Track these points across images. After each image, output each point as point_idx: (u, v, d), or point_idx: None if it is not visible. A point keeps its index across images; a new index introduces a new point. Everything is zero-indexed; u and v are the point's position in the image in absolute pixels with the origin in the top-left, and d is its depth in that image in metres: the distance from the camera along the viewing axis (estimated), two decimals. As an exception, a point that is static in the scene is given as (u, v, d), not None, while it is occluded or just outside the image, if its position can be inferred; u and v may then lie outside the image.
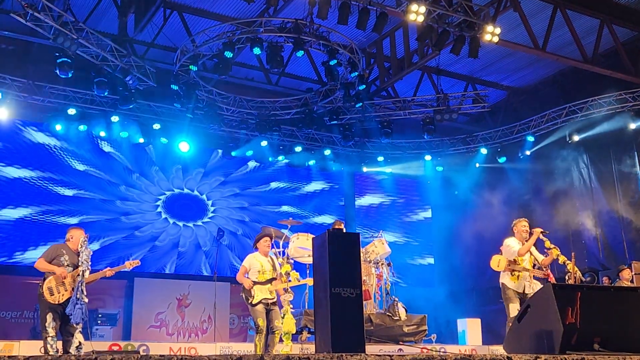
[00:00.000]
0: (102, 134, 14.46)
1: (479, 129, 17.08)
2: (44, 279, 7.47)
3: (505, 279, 8.69)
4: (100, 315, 13.05)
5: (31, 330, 12.50)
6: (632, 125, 14.04)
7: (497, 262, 8.80)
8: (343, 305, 4.55)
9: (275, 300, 8.72)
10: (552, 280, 8.50)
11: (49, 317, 7.24)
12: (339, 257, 4.73)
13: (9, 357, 2.20)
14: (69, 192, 14.34)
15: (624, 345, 4.22)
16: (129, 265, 8.41)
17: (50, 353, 7.14)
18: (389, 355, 2.77)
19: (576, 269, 8.24)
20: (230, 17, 12.93)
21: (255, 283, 8.54)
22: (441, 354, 2.97)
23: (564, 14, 12.89)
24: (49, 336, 7.21)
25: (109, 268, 8.14)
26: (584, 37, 13.25)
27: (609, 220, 14.76)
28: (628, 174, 14.51)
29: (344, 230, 9.13)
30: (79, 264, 7.47)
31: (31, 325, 12.74)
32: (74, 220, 14.01)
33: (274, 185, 16.88)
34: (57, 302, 7.30)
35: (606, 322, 4.44)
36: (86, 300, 7.37)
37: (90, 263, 7.75)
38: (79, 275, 7.37)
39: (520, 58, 14.78)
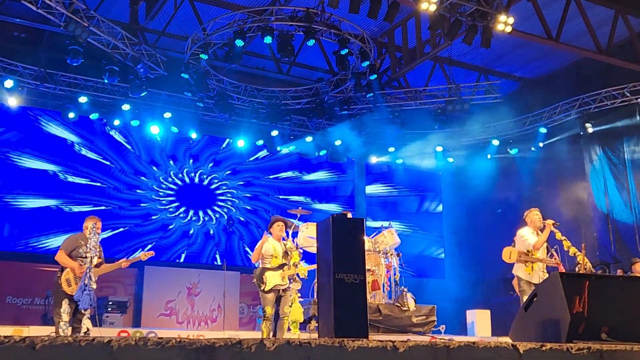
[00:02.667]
0: (115, 122, 14.49)
1: (491, 120, 16.94)
2: (62, 270, 7.75)
3: (519, 271, 8.63)
4: (110, 303, 13.10)
5: (42, 317, 12.58)
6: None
7: (508, 254, 8.74)
8: (347, 290, 4.52)
9: (287, 286, 8.74)
10: (562, 270, 8.44)
11: (65, 303, 7.44)
12: (342, 242, 4.70)
13: (5, 336, 2.19)
14: (80, 181, 14.40)
15: (632, 335, 4.16)
16: (143, 256, 8.58)
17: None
18: (391, 341, 2.74)
19: (586, 260, 8.18)
20: (242, 5, 12.90)
21: (267, 269, 8.57)
22: (445, 340, 2.95)
23: (578, 4, 12.75)
24: (62, 321, 7.33)
25: (124, 259, 8.34)
26: (598, 27, 13.09)
27: (621, 212, 14.63)
28: (641, 166, 14.38)
29: (351, 219, 9.14)
30: (87, 250, 7.51)
31: (42, 312, 12.83)
32: (85, 209, 14.09)
33: (283, 174, 16.88)
34: (74, 293, 7.47)
35: (614, 311, 4.39)
36: (94, 286, 7.43)
37: (101, 250, 7.85)
38: (88, 260, 7.41)
39: (534, 49, 14.63)
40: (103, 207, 14.46)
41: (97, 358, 2.07)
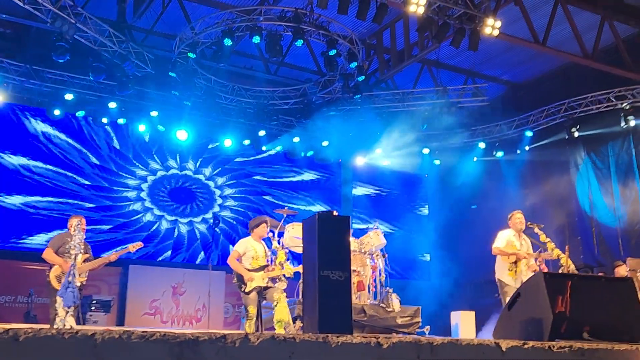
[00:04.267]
0: (102, 120, 14.40)
1: (477, 123, 17.04)
2: (51, 268, 7.89)
3: (503, 276, 8.67)
4: (94, 302, 13.03)
5: (25, 315, 12.50)
6: (631, 122, 14.01)
7: (507, 257, 8.76)
8: (331, 287, 4.54)
9: (269, 285, 8.64)
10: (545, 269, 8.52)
11: (59, 299, 7.40)
12: (328, 239, 4.72)
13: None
14: (65, 180, 14.31)
15: (613, 334, 4.21)
16: (132, 248, 8.56)
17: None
18: (375, 337, 2.76)
19: (570, 262, 8.25)
20: (230, 4, 12.89)
21: (247, 271, 8.51)
22: (429, 337, 2.97)
23: (564, 8, 12.85)
24: (58, 316, 7.31)
25: (113, 252, 8.35)
26: (585, 32, 13.19)
27: (605, 216, 14.76)
28: (625, 171, 14.50)
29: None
30: (71, 248, 7.50)
31: (25, 310, 12.74)
32: (69, 207, 14.01)
33: (270, 174, 16.87)
34: None
35: (596, 311, 4.43)
36: (79, 284, 7.42)
37: (87, 246, 7.88)
38: (72, 257, 7.40)
39: (520, 52, 14.73)
40: (88, 205, 14.38)
41: (81, 351, 2.07)
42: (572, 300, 4.29)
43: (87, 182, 14.55)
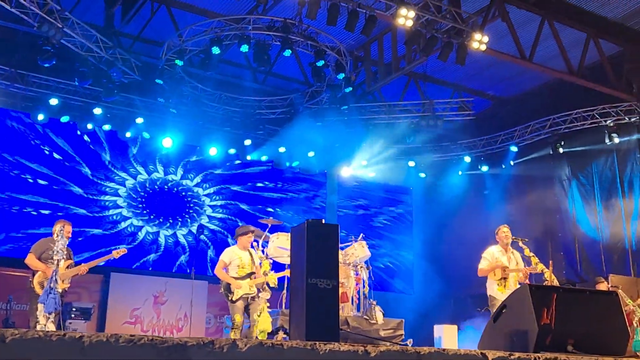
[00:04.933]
0: (88, 126, 14.30)
1: (463, 137, 17.13)
2: (34, 274, 7.82)
3: (492, 291, 8.67)
4: (74, 309, 12.87)
5: (3, 322, 12.30)
6: (615, 140, 14.14)
7: (493, 274, 8.79)
8: (319, 295, 4.52)
9: (255, 294, 8.68)
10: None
11: (40, 306, 7.32)
12: (316, 247, 4.71)
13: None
14: (44, 184, 14.17)
15: (597, 347, 4.23)
16: (116, 254, 8.53)
17: None
18: (362, 346, 2.74)
19: (553, 276, 8.28)
20: (219, 13, 12.88)
21: (235, 279, 8.50)
22: (416, 347, 2.96)
23: (551, 26, 12.98)
24: (39, 323, 7.23)
25: (98, 259, 8.30)
26: (570, 49, 13.33)
27: (588, 232, 14.86)
28: (608, 187, 14.63)
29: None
30: (54, 253, 7.44)
31: (3, 317, 12.55)
32: (52, 213, 13.88)
33: (256, 184, 16.82)
34: None
35: (581, 324, 4.45)
36: (60, 290, 7.35)
37: (70, 252, 7.81)
38: (54, 263, 7.34)
39: (507, 68, 14.84)
40: (70, 211, 14.24)
41: (68, 353, 2.03)
42: (557, 313, 4.30)
43: (70, 188, 14.41)
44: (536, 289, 4.58)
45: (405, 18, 10.71)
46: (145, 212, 15.25)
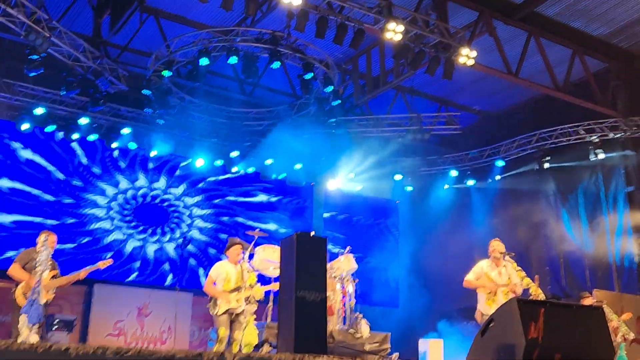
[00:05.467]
0: (73, 136, 14.17)
1: (449, 151, 17.21)
2: (17, 285, 7.67)
3: (482, 307, 8.62)
4: (56, 321, 12.74)
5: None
6: (600, 156, 14.25)
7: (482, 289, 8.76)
8: (307, 308, 4.50)
9: (241, 310, 8.58)
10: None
11: (23, 318, 7.22)
12: (305, 260, 4.69)
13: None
14: (29, 196, 14.03)
15: (584, 362, 4.23)
16: (102, 265, 8.42)
17: None
18: (351, 357, 2.71)
19: (540, 291, 8.29)
20: (207, 25, 12.88)
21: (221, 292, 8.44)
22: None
23: (537, 41, 13.12)
24: (20, 336, 7.13)
25: (83, 269, 8.18)
26: (556, 65, 13.48)
27: (573, 248, 14.93)
28: (593, 203, 14.73)
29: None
30: (38, 264, 7.35)
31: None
32: (37, 224, 13.75)
33: (242, 196, 16.75)
34: None
35: (568, 338, 4.45)
36: (43, 301, 7.27)
37: (54, 263, 7.73)
38: (37, 274, 7.25)
39: (494, 83, 14.96)
40: (55, 223, 14.09)
41: (52, 365, 1.99)
42: (545, 327, 4.30)
43: (54, 199, 14.28)
44: (524, 303, 4.58)
45: (394, 32, 10.78)
46: (130, 223, 15.13)
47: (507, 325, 4.41)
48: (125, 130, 14.23)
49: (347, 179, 17.21)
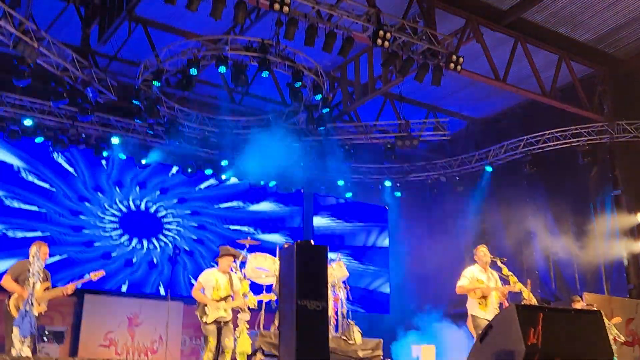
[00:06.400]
0: (59, 146, 14.12)
1: (438, 157, 17.28)
2: (10, 296, 7.66)
3: (474, 311, 8.62)
4: (47, 332, 12.66)
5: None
6: (587, 159, 14.35)
7: (474, 294, 8.78)
8: (309, 317, 4.50)
9: (229, 318, 8.61)
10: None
11: (16, 329, 7.19)
12: (306, 269, 4.69)
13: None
14: (19, 205, 13.95)
15: (583, 366, 4.26)
16: (93, 276, 8.40)
17: None
18: (355, 368, 2.72)
19: (532, 295, 8.35)
20: (196, 34, 12.87)
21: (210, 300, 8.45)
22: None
23: (524, 47, 13.24)
24: (14, 347, 7.09)
25: (74, 282, 8.19)
26: (543, 71, 13.60)
27: (562, 252, 15.01)
28: (581, 207, 14.84)
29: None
30: (30, 276, 7.32)
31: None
32: (22, 234, 13.67)
33: (232, 204, 16.74)
34: None
35: (567, 343, 4.48)
36: (36, 313, 7.24)
37: (47, 274, 7.71)
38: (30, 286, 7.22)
39: (481, 89, 15.05)
40: (45, 233, 14.00)
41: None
42: (544, 332, 4.33)
43: (44, 210, 14.21)
44: (522, 308, 4.61)
45: (382, 39, 10.82)
46: (120, 233, 15.07)
47: (506, 331, 4.43)
48: (115, 140, 14.19)
49: (336, 185, 17.24)
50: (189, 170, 15.51)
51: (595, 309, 9.32)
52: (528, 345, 4.25)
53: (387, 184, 17.33)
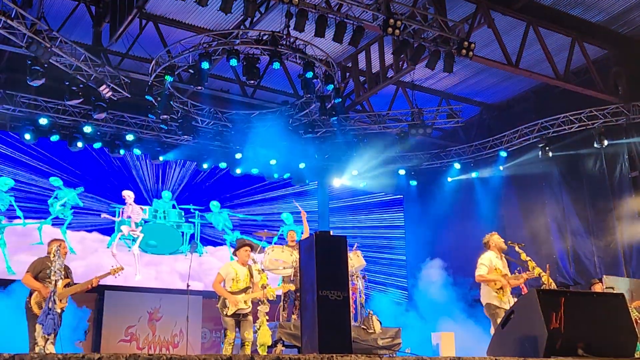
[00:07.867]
0: (78, 144, 14.22)
1: (452, 144, 17.23)
2: (31, 293, 7.73)
3: (491, 300, 8.48)
4: (85, 331, 12.80)
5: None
6: (603, 142, 14.22)
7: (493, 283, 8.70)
8: (330, 307, 4.53)
9: (249, 310, 8.67)
10: (525, 292, 8.53)
11: (39, 327, 7.25)
12: (326, 259, 4.71)
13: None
14: (38, 203, 14.10)
15: (606, 350, 4.25)
16: (113, 272, 8.47)
17: None
18: (379, 356, 2.74)
19: (551, 280, 8.31)
20: (207, 28, 12.89)
21: (230, 293, 8.50)
22: (432, 357, 2.95)
23: (536, 31, 13.10)
24: (37, 345, 7.17)
25: (95, 277, 8.25)
26: (556, 54, 13.46)
27: (580, 235, 14.94)
28: (599, 190, 14.72)
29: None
30: (52, 273, 7.38)
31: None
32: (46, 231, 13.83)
33: (248, 197, 16.79)
34: None
35: (589, 327, 4.47)
36: (58, 310, 7.31)
37: (69, 271, 7.78)
38: (52, 283, 7.28)
39: (494, 74, 14.97)
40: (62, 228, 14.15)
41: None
42: (566, 317, 4.32)
43: (62, 206, 14.33)
44: (544, 293, 4.59)
45: (393, 28, 10.76)
46: (136, 228, 15.17)
47: (528, 316, 4.43)
48: (130, 137, 14.29)
49: (351, 175, 17.24)
50: (204, 165, 15.58)
51: (615, 292, 9.29)
52: (551, 330, 4.24)
53: (402, 172, 17.30)
